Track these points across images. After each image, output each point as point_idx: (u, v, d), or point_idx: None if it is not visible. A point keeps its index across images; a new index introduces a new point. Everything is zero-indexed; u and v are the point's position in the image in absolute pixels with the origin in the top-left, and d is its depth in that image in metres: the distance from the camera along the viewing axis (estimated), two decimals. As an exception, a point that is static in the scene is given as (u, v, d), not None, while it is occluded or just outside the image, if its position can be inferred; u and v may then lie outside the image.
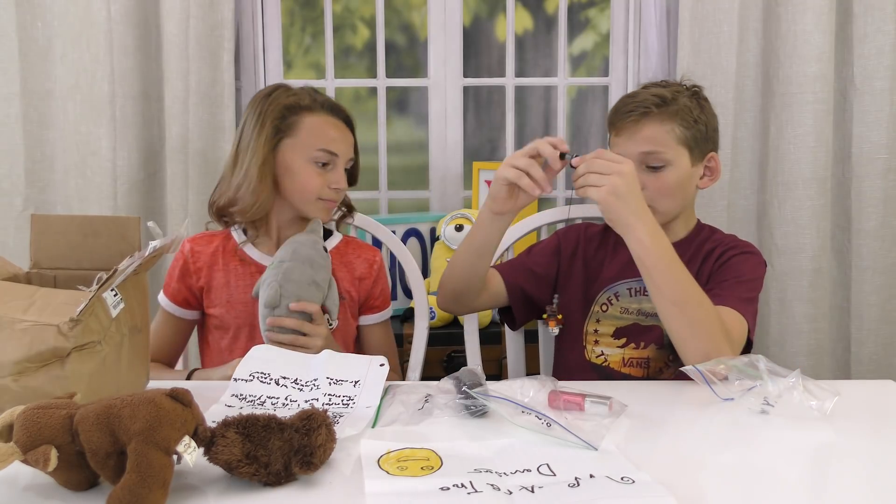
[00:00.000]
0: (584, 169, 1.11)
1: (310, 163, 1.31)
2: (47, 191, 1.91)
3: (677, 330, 1.13)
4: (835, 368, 1.96)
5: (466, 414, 0.95)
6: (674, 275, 1.12)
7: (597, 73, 2.23)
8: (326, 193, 1.33)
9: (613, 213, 1.11)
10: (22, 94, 1.86)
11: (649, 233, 1.11)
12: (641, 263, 1.13)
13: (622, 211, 1.10)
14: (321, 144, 1.31)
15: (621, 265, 1.34)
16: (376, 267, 1.43)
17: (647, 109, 1.27)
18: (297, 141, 1.32)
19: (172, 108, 1.85)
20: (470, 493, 0.73)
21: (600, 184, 1.09)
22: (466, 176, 2.15)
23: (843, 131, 1.91)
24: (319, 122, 1.33)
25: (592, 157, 1.11)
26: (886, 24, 1.83)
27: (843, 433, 0.92)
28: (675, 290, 1.12)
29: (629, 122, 1.28)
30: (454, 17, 2.11)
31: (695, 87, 1.36)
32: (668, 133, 1.27)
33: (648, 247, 1.11)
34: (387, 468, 0.80)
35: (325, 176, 1.32)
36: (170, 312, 1.39)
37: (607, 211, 1.11)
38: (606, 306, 1.34)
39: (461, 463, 0.80)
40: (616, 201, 1.09)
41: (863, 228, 1.89)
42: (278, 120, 1.31)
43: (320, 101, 1.35)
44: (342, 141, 1.34)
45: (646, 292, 1.31)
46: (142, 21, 1.86)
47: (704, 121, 1.31)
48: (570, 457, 0.82)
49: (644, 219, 1.11)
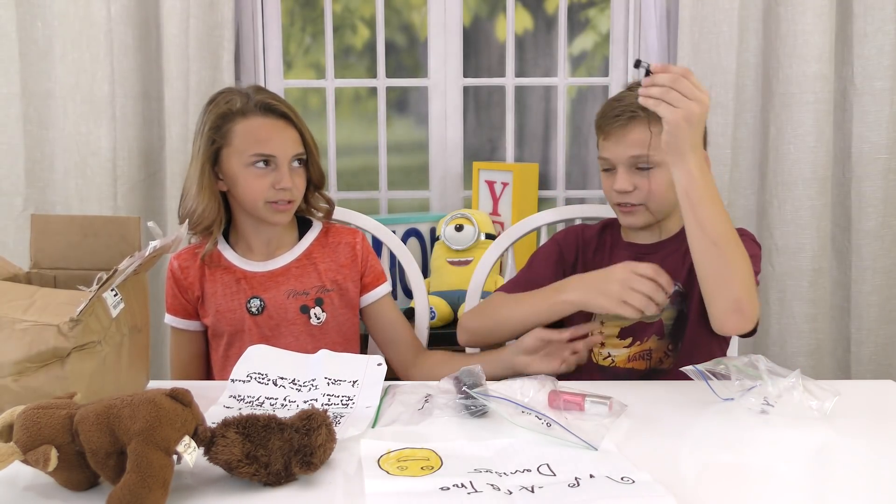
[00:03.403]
0: (667, 81, 1.07)
1: (248, 168, 1.29)
2: (47, 191, 1.91)
3: (714, 271, 1.12)
4: (835, 368, 1.96)
5: (466, 414, 0.95)
6: (718, 211, 1.12)
7: (597, 73, 2.23)
8: (272, 195, 1.30)
9: (677, 139, 1.09)
10: (22, 94, 1.86)
11: (698, 167, 1.11)
12: (687, 196, 1.11)
13: (685, 139, 1.09)
14: (254, 149, 1.29)
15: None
16: (358, 248, 1.40)
17: (634, 113, 1.25)
18: (233, 149, 1.30)
19: (172, 108, 1.85)
20: (470, 493, 0.73)
21: (678, 105, 1.06)
22: (466, 176, 2.15)
23: (843, 131, 1.91)
24: (250, 126, 1.30)
25: (679, 74, 1.07)
26: (886, 24, 1.83)
27: (843, 433, 0.92)
28: (716, 227, 1.11)
29: (617, 127, 1.27)
30: (454, 17, 2.11)
31: None
32: (656, 135, 1.25)
33: (696, 179, 1.10)
34: (387, 468, 0.80)
35: (268, 178, 1.29)
36: (180, 329, 1.38)
37: (673, 135, 1.09)
38: None
39: (461, 463, 0.80)
40: (687, 128, 1.08)
41: (863, 228, 1.89)
42: (212, 130, 1.31)
43: (253, 103, 1.31)
44: (277, 140, 1.30)
45: None
46: (142, 21, 1.86)
47: None
48: (570, 457, 0.82)
49: (698, 153, 1.11)
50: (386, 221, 1.73)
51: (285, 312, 1.34)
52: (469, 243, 1.92)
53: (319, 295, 1.36)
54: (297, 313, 1.34)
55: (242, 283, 1.34)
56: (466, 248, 1.92)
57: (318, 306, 1.35)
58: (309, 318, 1.34)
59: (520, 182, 1.99)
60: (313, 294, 1.36)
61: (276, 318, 1.34)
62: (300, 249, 1.39)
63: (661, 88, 1.07)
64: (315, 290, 1.36)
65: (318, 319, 1.34)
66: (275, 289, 1.35)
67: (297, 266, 1.37)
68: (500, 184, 2.04)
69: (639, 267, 1.15)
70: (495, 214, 2.06)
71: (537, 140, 2.28)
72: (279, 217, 1.33)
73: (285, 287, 1.35)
